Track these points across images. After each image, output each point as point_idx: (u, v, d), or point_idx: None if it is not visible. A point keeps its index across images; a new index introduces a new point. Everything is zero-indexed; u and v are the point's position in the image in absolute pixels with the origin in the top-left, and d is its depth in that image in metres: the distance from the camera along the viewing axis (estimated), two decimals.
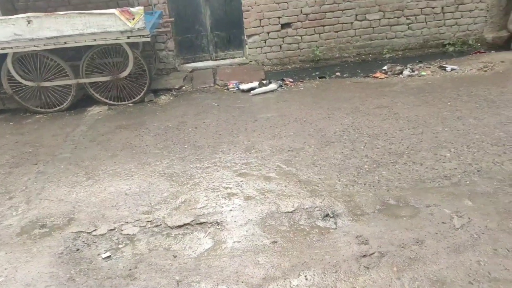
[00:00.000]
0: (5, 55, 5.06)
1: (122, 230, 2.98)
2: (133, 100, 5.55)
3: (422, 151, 3.72)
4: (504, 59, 5.98)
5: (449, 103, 4.67)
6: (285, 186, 3.36)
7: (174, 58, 6.51)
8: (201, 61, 6.70)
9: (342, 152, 3.83)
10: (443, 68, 5.84)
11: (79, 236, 2.95)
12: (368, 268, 2.47)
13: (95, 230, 3.00)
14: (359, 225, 2.85)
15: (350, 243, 2.69)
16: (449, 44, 6.71)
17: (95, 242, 2.89)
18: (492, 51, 6.47)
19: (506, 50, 6.43)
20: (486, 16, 6.66)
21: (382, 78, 5.81)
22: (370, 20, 6.52)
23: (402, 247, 2.61)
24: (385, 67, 6.13)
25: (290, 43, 6.55)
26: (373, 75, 5.96)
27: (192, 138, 4.37)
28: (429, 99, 4.86)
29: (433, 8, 6.52)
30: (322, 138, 4.15)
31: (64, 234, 2.99)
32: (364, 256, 2.57)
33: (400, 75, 5.84)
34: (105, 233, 2.96)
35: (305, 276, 2.45)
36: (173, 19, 6.12)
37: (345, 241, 2.71)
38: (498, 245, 2.54)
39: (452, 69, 5.76)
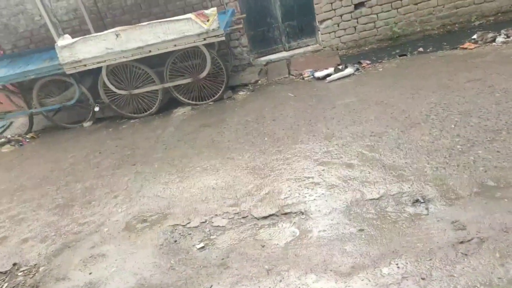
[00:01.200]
0: (100, 68, 5.64)
1: (212, 223, 3.17)
2: (213, 98, 5.81)
3: None
4: None
5: None
6: (369, 173, 3.27)
7: (248, 53, 6.65)
8: (274, 53, 6.75)
9: (430, 133, 3.59)
10: None
11: (176, 229, 3.21)
12: (466, 255, 2.31)
13: (189, 223, 3.24)
14: (454, 210, 2.66)
15: (445, 229, 2.52)
16: None
17: (190, 234, 3.12)
18: None
19: None
20: None
21: (472, 49, 5.29)
22: None
23: (505, 231, 2.38)
24: (474, 36, 5.56)
25: (365, 23, 6.27)
26: (461, 46, 5.45)
27: (271, 131, 4.44)
28: None
29: None
30: (406, 119, 3.92)
31: (163, 228, 3.27)
32: (462, 242, 2.40)
33: (493, 43, 5.25)
34: (198, 226, 3.18)
35: (397, 264, 2.37)
36: (244, 15, 6.24)
37: (439, 227, 2.55)
38: None
39: None
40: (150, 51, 5.38)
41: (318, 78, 5.59)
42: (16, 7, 6.48)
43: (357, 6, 6.17)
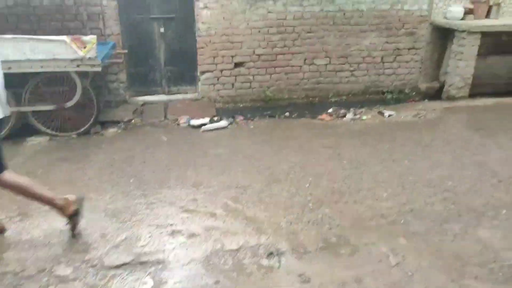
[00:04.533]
0: None
1: (53, 272, 2.79)
2: (78, 131, 5.37)
3: (362, 190, 3.91)
4: (436, 107, 6.56)
5: (387, 146, 4.99)
6: (231, 224, 3.36)
7: (125, 90, 6.43)
8: (153, 94, 6.68)
9: (288, 190, 3.93)
10: (381, 113, 6.28)
11: (5, 277, 2.72)
12: None
13: (23, 271, 2.79)
14: (302, 263, 2.89)
15: (293, 282, 2.71)
16: (387, 92, 7.25)
17: (21, 285, 2.67)
18: (426, 100, 7.07)
19: (437, 100, 7.06)
20: (420, 68, 7.34)
21: (327, 120, 6.12)
22: (318, 65, 6.92)
23: (342, 285, 2.68)
24: (330, 110, 6.47)
25: (242, 82, 6.75)
26: (319, 117, 6.25)
27: (139, 172, 4.27)
28: (369, 141, 5.17)
29: (373, 57, 7.07)
30: (270, 175, 4.23)
31: None
32: None
33: (344, 118, 6.18)
34: (34, 274, 2.75)
35: None
36: (126, 51, 6.10)
37: (288, 280, 2.74)
38: (430, 282, 2.69)
39: (390, 115, 6.20)
40: (10, 68, 4.77)
41: (194, 126, 5.69)
42: None
43: (237, 65, 6.64)
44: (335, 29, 6.78)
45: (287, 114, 6.41)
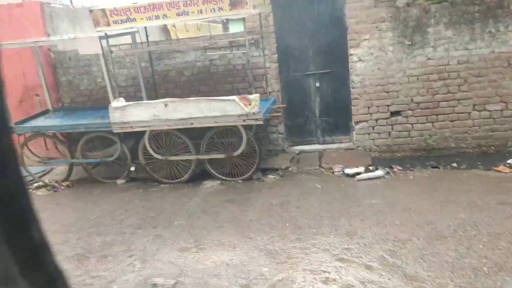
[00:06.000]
0: (144, 132, 6.04)
1: None
2: (243, 177, 5.98)
3: None
4: None
5: None
6: (389, 279, 3.16)
7: (283, 140, 6.94)
8: (308, 144, 7.00)
9: (456, 249, 3.49)
10: None
11: None
12: None
13: None
14: None
15: None
16: None
17: None
18: None
19: None
20: None
21: (506, 172, 5.29)
22: (491, 111, 6.16)
23: None
24: (509, 161, 5.59)
25: (399, 131, 6.49)
26: (495, 168, 5.46)
27: (294, 218, 4.46)
28: None
29: None
30: (433, 231, 3.85)
31: None
32: None
33: None
34: None
35: None
36: (285, 105, 6.66)
37: None
38: None
39: None
40: (192, 124, 5.76)
41: (348, 175, 5.68)
42: (83, 68, 7.27)
43: (393, 114, 6.45)
44: (511, 71, 6.00)
45: (454, 164, 5.80)
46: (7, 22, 6.93)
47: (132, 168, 6.33)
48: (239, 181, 5.96)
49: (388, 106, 6.44)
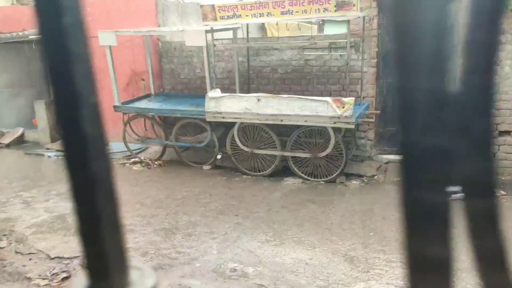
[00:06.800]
0: (234, 123, 6.25)
1: None
2: (325, 179, 5.90)
3: None
4: None
5: None
6: None
7: (371, 147, 6.69)
8: (398, 154, 6.65)
9: None
10: None
11: None
12: None
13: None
14: None
15: None
16: None
17: None
18: None
19: None
20: None
21: None
22: None
23: None
24: None
25: (507, 153, 5.86)
26: None
27: (379, 228, 4.27)
28: None
29: None
30: None
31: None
32: None
33: None
34: None
35: None
36: (378, 112, 6.41)
37: None
38: None
39: None
40: (281, 120, 5.82)
41: None
42: (185, 58, 7.75)
43: (501, 133, 5.84)
44: None
45: None
46: (125, 12, 7.67)
47: (219, 156, 6.60)
48: (321, 182, 5.88)
49: (497, 124, 5.85)
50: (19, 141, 8.53)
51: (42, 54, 0.36)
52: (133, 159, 7.08)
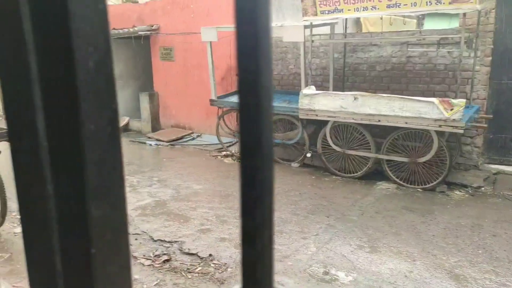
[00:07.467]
0: (327, 122, 6.11)
1: None
2: (424, 186, 5.48)
3: None
4: None
5: None
6: None
7: (478, 155, 6.06)
8: (510, 165, 5.93)
9: None
10: None
11: None
12: None
13: None
14: None
15: None
16: None
17: None
18: None
19: None
20: None
21: None
22: None
23: None
24: None
25: None
26: None
27: (489, 246, 3.84)
28: None
29: None
30: None
31: None
32: None
33: None
34: None
35: None
36: (491, 116, 5.76)
37: None
38: None
39: None
40: (379, 121, 5.53)
41: None
42: (279, 54, 7.77)
43: None
44: None
45: None
46: (225, 7, 7.92)
47: (308, 155, 6.52)
48: (419, 189, 5.48)
49: None
50: (125, 130, 9.38)
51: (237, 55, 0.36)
52: (224, 152, 7.33)
